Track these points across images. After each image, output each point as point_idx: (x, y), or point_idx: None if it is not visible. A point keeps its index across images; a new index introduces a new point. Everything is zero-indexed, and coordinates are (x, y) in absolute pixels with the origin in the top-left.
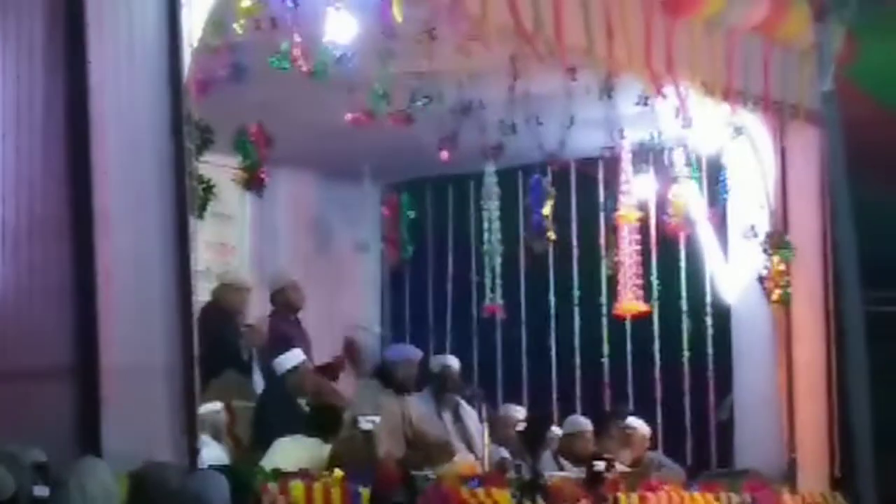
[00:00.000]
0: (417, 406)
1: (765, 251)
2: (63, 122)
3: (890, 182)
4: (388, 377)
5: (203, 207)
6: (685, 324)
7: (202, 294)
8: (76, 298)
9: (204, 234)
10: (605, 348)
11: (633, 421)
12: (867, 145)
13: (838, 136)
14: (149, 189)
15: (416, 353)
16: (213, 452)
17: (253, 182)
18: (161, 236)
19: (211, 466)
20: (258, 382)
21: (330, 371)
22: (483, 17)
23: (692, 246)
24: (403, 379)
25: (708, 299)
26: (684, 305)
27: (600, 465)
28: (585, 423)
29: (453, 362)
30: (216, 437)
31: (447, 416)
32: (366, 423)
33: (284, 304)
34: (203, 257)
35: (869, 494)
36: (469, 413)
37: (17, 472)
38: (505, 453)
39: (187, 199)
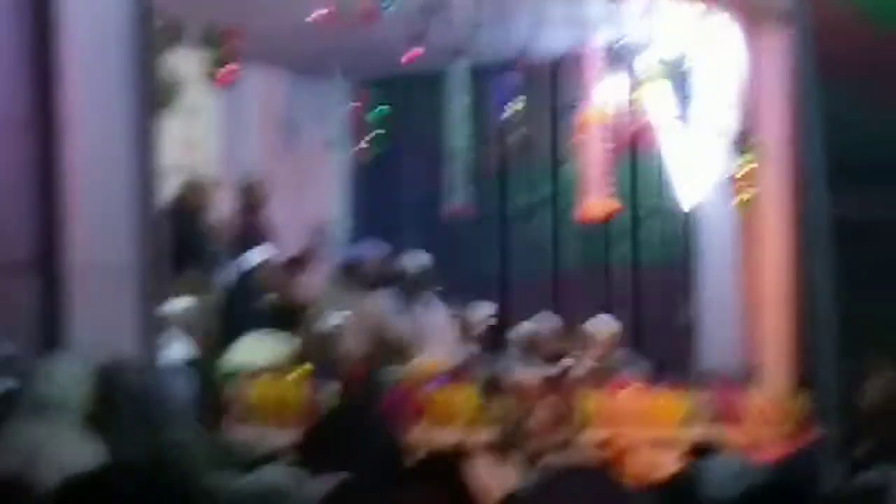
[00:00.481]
0: (384, 303)
1: (731, 152)
2: (25, 19)
3: (859, 85)
4: (353, 274)
5: (170, 103)
6: (650, 224)
7: (168, 191)
8: (41, 195)
9: (170, 129)
10: (572, 248)
11: (599, 320)
12: (837, 48)
13: (808, 39)
14: (114, 85)
15: (381, 250)
16: (183, 348)
17: (221, 77)
18: (126, 133)
19: (175, 363)
20: (224, 278)
21: (296, 265)
22: None
23: (659, 147)
24: (369, 275)
25: (674, 199)
26: (650, 205)
27: (566, 363)
28: (551, 321)
29: (421, 260)
30: (189, 332)
31: (414, 314)
32: (331, 320)
33: (250, 201)
34: (169, 153)
35: (831, 397)
36: (435, 311)
37: None
38: (471, 352)
39: (153, 94)
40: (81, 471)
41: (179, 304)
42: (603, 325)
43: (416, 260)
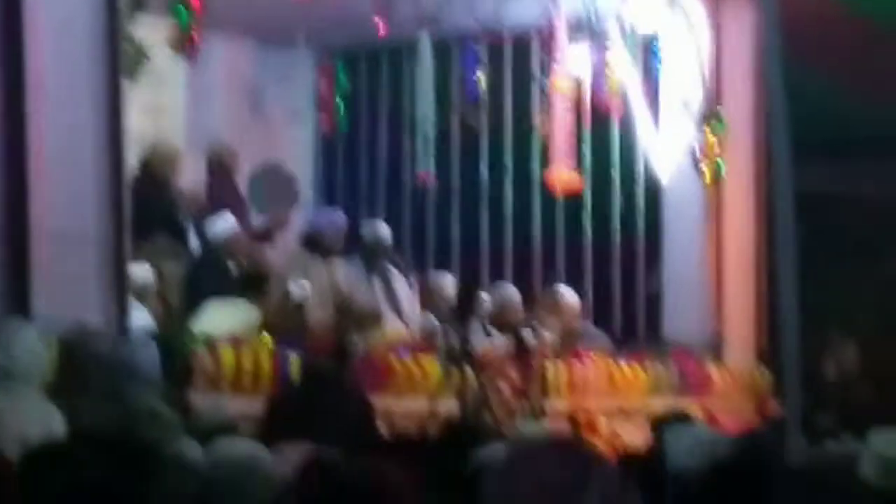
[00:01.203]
0: (346, 272)
1: (697, 125)
2: None
3: (824, 59)
4: (315, 243)
5: (136, 70)
6: (616, 196)
7: (135, 158)
8: (8, 163)
9: (137, 97)
10: (537, 217)
11: (562, 290)
12: (803, 25)
13: (774, 14)
14: (81, 53)
15: (341, 218)
16: (148, 316)
17: (186, 45)
18: (93, 101)
19: (140, 331)
20: (192, 247)
21: (264, 235)
22: None
23: (625, 119)
24: (330, 244)
25: (639, 171)
26: (616, 177)
27: (528, 334)
28: (513, 292)
29: (384, 230)
30: (141, 300)
31: (377, 284)
32: (296, 290)
33: (220, 169)
34: (136, 120)
35: (794, 369)
36: (399, 281)
37: None
38: (434, 321)
39: (120, 62)
40: (44, 441)
41: (139, 270)
42: (567, 296)
43: (379, 229)
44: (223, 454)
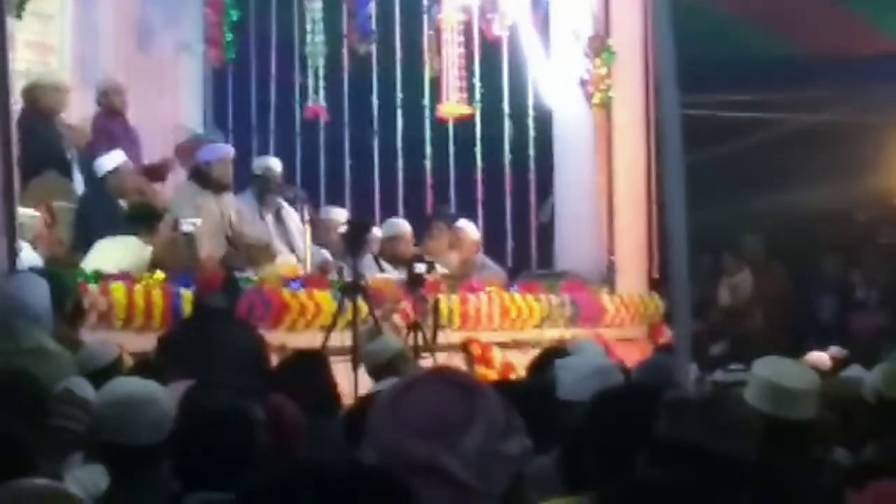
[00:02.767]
0: (238, 207)
1: (586, 54)
2: None
3: None
4: (204, 178)
5: (21, 7)
6: (507, 126)
7: (19, 94)
8: None
9: (23, 33)
10: (428, 151)
11: (462, 224)
12: None
13: None
14: None
15: (229, 151)
16: (27, 256)
17: None
18: None
19: (30, 268)
20: (80, 183)
21: (156, 173)
22: None
23: (514, 49)
24: (219, 177)
25: (530, 102)
26: (507, 108)
27: (421, 267)
28: (404, 226)
29: (275, 164)
30: (31, 242)
31: (269, 218)
32: (186, 225)
33: (109, 105)
34: (22, 57)
35: (684, 295)
36: (291, 215)
37: None
38: (327, 255)
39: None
40: None
41: (27, 212)
42: (468, 230)
43: (271, 163)
44: (115, 392)
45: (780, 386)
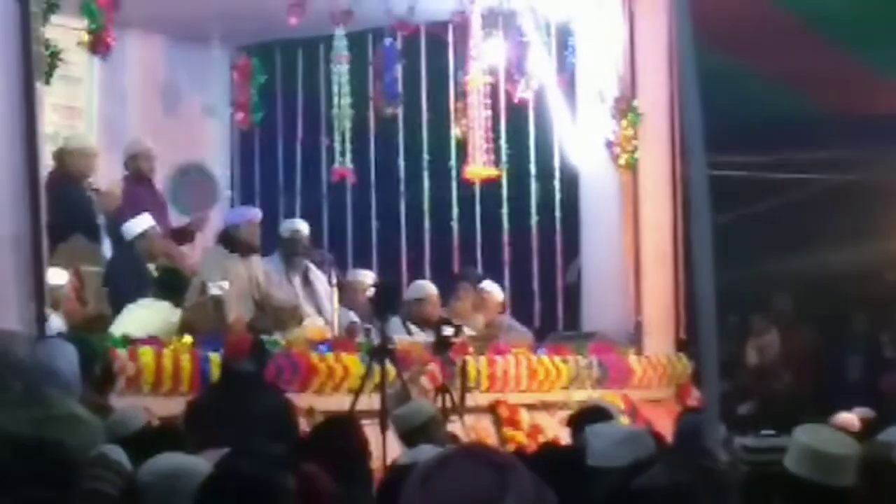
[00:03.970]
0: (265, 269)
1: (613, 116)
2: None
3: (737, 47)
4: (231, 240)
5: (50, 72)
6: (534, 188)
7: (49, 159)
8: None
9: (51, 97)
10: (455, 212)
11: (487, 285)
12: (715, 10)
13: (687, 6)
14: None
15: (255, 213)
16: (66, 319)
17: (99, 45)
18: (7, 101)
19: (59, 334)
20: (108, 248)
21: (183, 236)
22: None
23: (541, 110)
24: (247, 240)
25: (556, 164)
26: (533, 169)
27: (448, 330)
28: (430, 288)
29: (302, 226)
30: (55, 307)
31: (296, 281)
32: (214, 289)
33: (137, 170)
34: (50, 120)
35: (711, 356)
36: (318, 277)
37: None
38: (354, 318)
39: (34, 63)
40: None
41: (56, 281)
42: (491, 290)
43: (298, 225)
44: (159, 465)
45: (822, 452)
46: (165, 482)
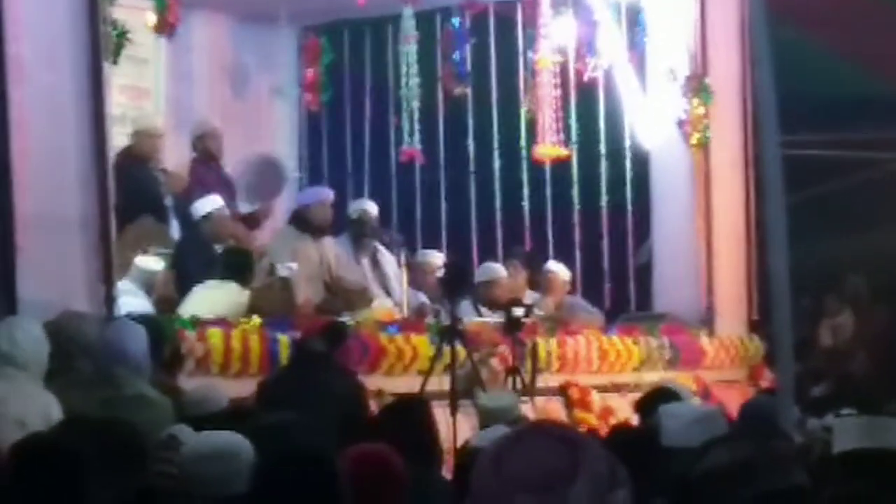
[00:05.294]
0: (335, 251)
1: (684, 94)
2: None
3: (810, 24)
4: (302, 221)
5: (117, 52)
6: (604, 168)
7: (117, 139)
8: None
9: (118, 78)
10: (525, 193)
11: (552, 265)
12: None
13: None
14: (63, 35)
15: (327, 193)
16: (139, 303)
17: (164, 25)
18: (75, 83)
19: (128, 315)
20: (176, 229)
21: (252, 221)
22: None
23: (611, 89)
24: (318, 221)
25: (627, 143)
26: (603, 149)
27: (519, 311)
28: (500, 270)
29: (371, 207)
30: (147, 291)
31: (365, 262)
32: (283, 270)
33: (205, 150)
34: (117, 101)
35: (786, 337)
36: (387, 259)
37: None
38: (423, 299)
39: (101, 44)
40: (41, 428)
41: (151, 266)
42: (557, 270)
43: (367, 206)
44: (213, 441)
45: None
46: (209, 461)
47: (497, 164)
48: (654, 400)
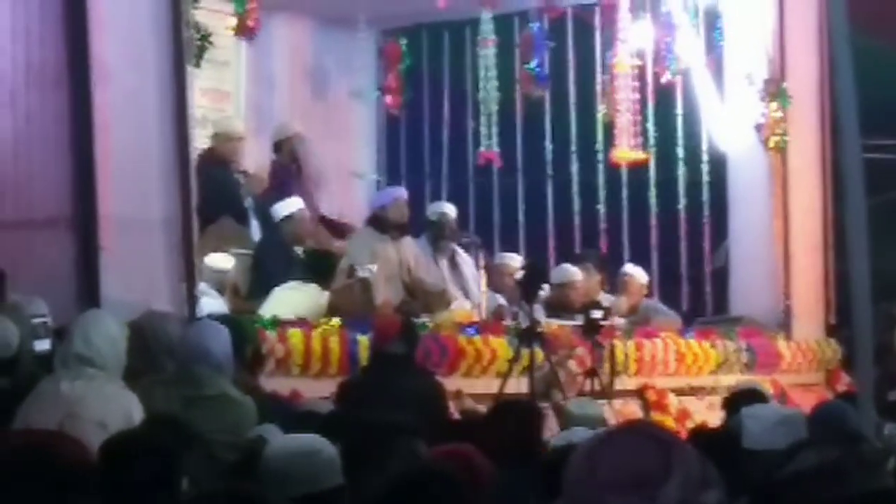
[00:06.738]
0: (415, 252)
1: (762, 98)
2: None
3: (888, 27)
4: (380, 222)
5: (199, 55)
6: (681, 171)
7: (197, 141)
8: (74, 148)
9: (200, 80)
10: (602, 196)
11: (629, 268)
12: None
13: None
14: (145, 37)
15: (401, 192)
16: (213, 303)
17: (244, 29)
18: (158, 85)
19: (210, 315)
20: (256, 230)
21: (336, 230)
22: None
23: (688, 93)
24: (395, 220)
25: (704, 147)
26: (680, 153)
27: (597, 313)
28: (575, 273)
29: (450, 209)
30: (220, 291)
31: (444, 264)
32: (363, 271)
33: (287, 154)
34: (199, 103)
35: (865, 343)
36: (465, 261)
37: (20, 324)
38: (502, 301)
39: (184, 47)
40: (124, 427)
41: (222, 265)
42: (634, 273)
43: (445, 208)
44: (295, 444)
45: None
46: (290, 462)
47: (574, 167)
48: (740, 400)
